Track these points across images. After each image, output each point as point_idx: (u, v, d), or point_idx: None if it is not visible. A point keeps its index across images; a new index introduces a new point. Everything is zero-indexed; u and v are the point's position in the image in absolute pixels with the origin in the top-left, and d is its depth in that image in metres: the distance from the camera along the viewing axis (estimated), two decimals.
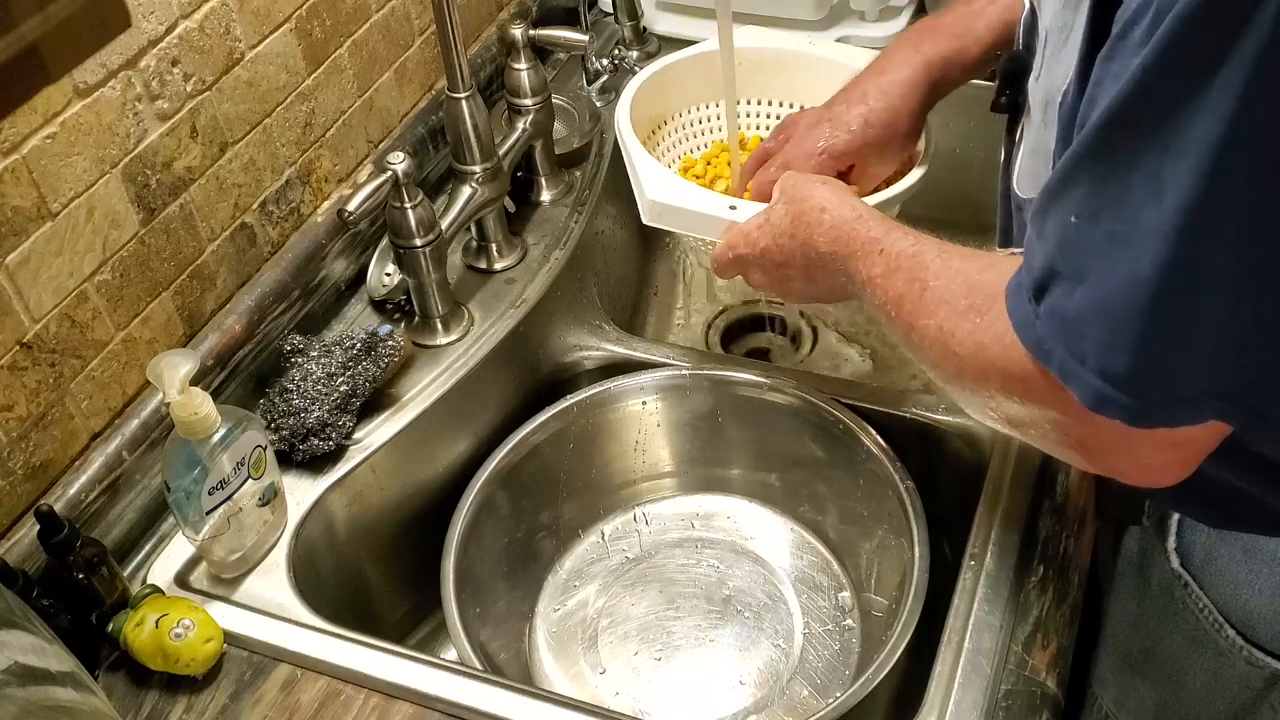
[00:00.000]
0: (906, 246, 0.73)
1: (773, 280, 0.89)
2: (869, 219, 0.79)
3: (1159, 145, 0.51)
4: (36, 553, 0.80)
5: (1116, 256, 0.54)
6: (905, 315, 0.70)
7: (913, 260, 0.72)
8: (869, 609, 1.03)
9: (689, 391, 1.09)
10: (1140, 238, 0.53)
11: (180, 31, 0.88)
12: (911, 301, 0.70)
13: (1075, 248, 0.56)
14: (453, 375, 1.03)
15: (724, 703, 0.98)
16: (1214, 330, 0.54)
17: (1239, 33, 0.48)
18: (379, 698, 0.81)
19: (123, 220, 0.87)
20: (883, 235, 0.76)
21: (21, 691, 0.62)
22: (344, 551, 0.98)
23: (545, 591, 1.08)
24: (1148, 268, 0.52)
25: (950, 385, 0.70)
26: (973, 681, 0.78)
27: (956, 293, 0.67)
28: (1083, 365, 0.56)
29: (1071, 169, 0.56)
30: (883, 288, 0.73)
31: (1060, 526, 0.87)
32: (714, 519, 1.13)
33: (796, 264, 0.84)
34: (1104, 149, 0.54)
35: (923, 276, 0.70)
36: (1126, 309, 0.54)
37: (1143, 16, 0.51)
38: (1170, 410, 0.56)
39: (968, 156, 1.32)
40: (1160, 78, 0.51)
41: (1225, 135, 0.49)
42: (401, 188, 0.98)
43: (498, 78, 1.25)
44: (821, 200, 0.82)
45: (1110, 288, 0.54)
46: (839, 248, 0.79)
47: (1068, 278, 0.57)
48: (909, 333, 0.71)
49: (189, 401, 0.80)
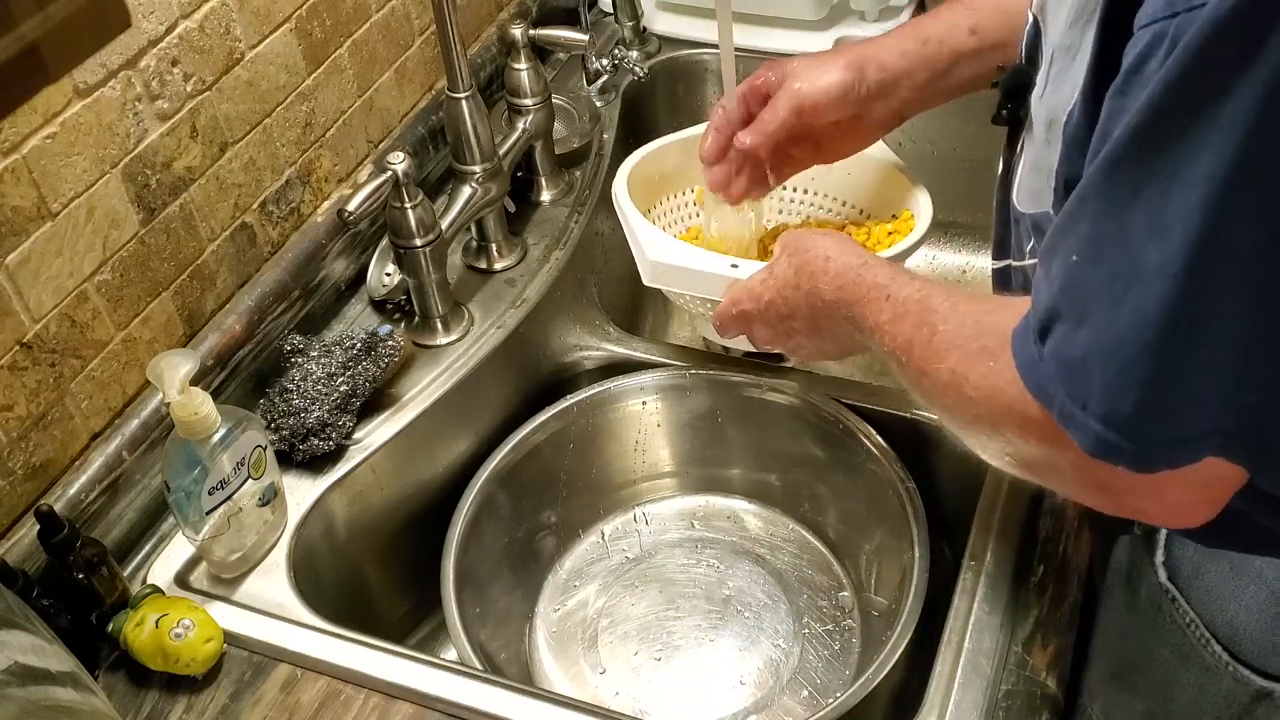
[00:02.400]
0: (913, 291, 0.73)
1: (777, 334, 0.89)
2: (874, 265, 0.78)
3: (1163, 181, 0.51)
4: (36, 553, 0.80)
5: (1119, 296, 0.53)
6: (915, 360, 0.70)
7: (920, 305, 0.71)
8: (869, 609, 1.03)
9: (689, 391, 1.09)
10: (1144, 277, 0.52)
11: (180, 31, 0.88)
12: (921, 346, 0.69)
13: (1078, 288, 0.56)
14: (453, 375, 1.03)
15: (724, 703, 0.98)
16: (1219, 369, 0.53)
17: (1247, 66, 0.47)
18: (379, 698, 0.81)
19: (123, 220, 0.87)
20: (889, 281, 0.75)
21: (21, 691, 0.62)
22: (344, 551, 0.98)
23: (545, 591, 1.08)
24: (1152, 306, 0.52)
25: (965, 430, 0.69)
26: (973, 681, 0.78)
27: (967, 336, 0.66)
28: (1084, 410, 0.55)
29: (1076, 207, 0.56)
30: (891, 333, 0.73)
31: (1059, 527, 0.87)
32: (714, 519, 1.13)
33: (801, 315, 0.84)
34: (1108, 186, 0.54)
35: (931, 321, 0.69)
36: (1131, 350, 0.53)
37: (1157, 49, 0.50)
38: (1172, 452, 0.56)
39: (970, 159, 1.32)
40: (1166, 112, 0.50)
41: (1231, 171, 0.49)
42: (401, 188, 0.98)
43: (498, 78, 1.25)
44: (826, 250, 0.82)
45: (1113, 329, 0.54)
46: (844, 295, 0.79)
47: (1070, 319, 0.56)
48: (920, 378, 0.70)
49: (189, 401, 0.80)
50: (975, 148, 1.30)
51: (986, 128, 1.24)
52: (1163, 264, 0.51)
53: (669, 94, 1.41)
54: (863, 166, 1.09)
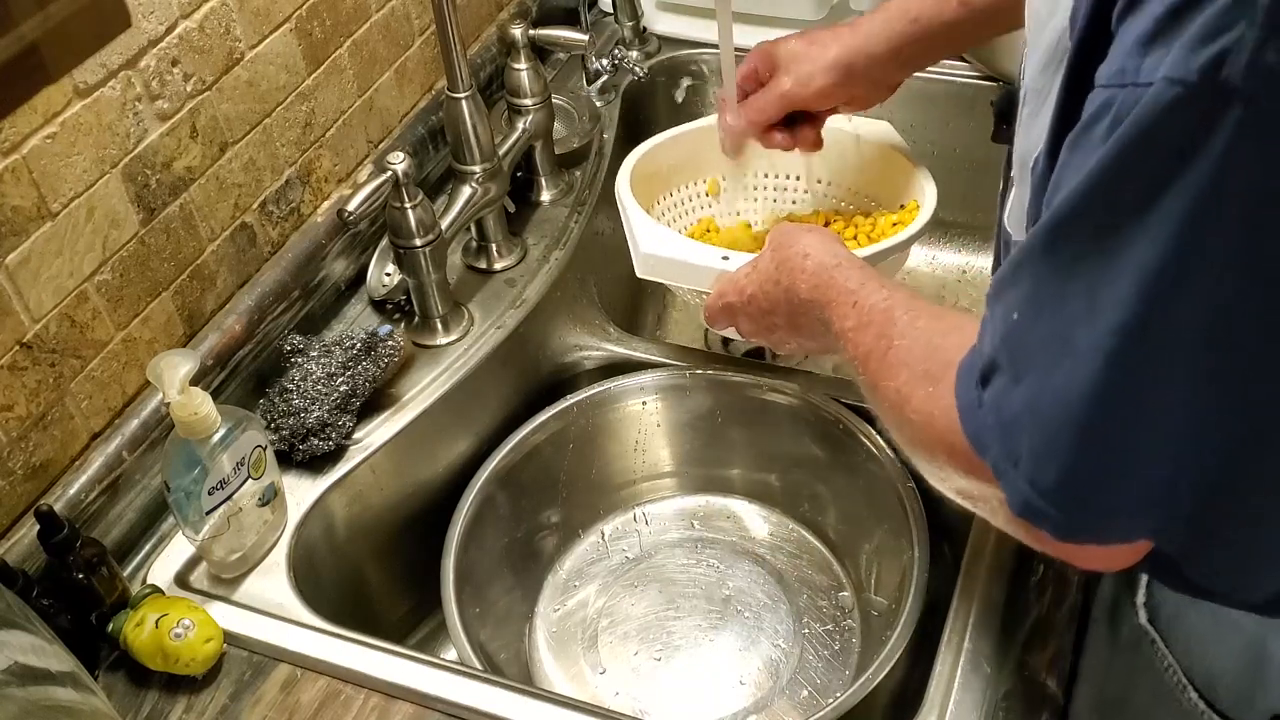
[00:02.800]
0: (879, 300, 0.72)
1: (760, 328, 0.89)
2: (848, 268, 0.78)
3: (1100, 260, 0.50)
4: (36, 553, 0.80)
5: (1051, 365, 0.52)
6: (870, 373, 0.69)
7: (883, 316, 0.71)
8: (869, 609, 1.03)
9: (689, 391, 1.09)
10: (1076, 351, 0.51)
11: (180, 31, 0.88)
12: (876, 360, 0.69)
13: (1016, 344, 0.55)
14: (453, 375, 1.03)
15: (724, 703, 0.98)
16: (1148, 453, 0.51)
17: (1188, 157, 0.46)
18: (379, 698, 0.81)
19: (123, 220, 0.87)
20: (858, 287, 0.75)
21: (21, 691, 0.62)
22: (344, 551, 0.98)
23: (545, 591, 1.08)
24: (1080, 385, 0.51)
25: (908, 451, 0.69)
26: (973, 681, 0.78)
27: (917, 356, 0.65)
28: (1015, 468, 0.54)
29: (1020, 262, 0.55)
30: (854, 342, 0.72)
31: None
32: (714, 519, 1.13)
33: (781, 311, 0.84)
34: (1047, 251, 0.53)
35: (890, 334, 0.69)
36: (1058, 422, 0.52)
37: (1105, 114, 0.49)
38: (1098, 529, 0.54)
39: (970, 159, 1.32)
40: (1106, 191, 0.49)
41: (1167, 262, 0.47)
42: (401, 188, 0.98)
43: (498, 78, 1.25)
44: (805, 246, 0.82)
45: (1045, 395, 0.52)
46: (817, 295, 0.79)
47: (1009, 373, 0.55)
48: (872, 392, 0.70)
49: (189, 401, 0.80)
50: (975, 148, 1.30)
51: (986, 128, 1.24)
52: (1095, 344, 0.50)
53: (669, 94, 1.41)
54: (873, 156, 1.09)
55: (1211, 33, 0.44)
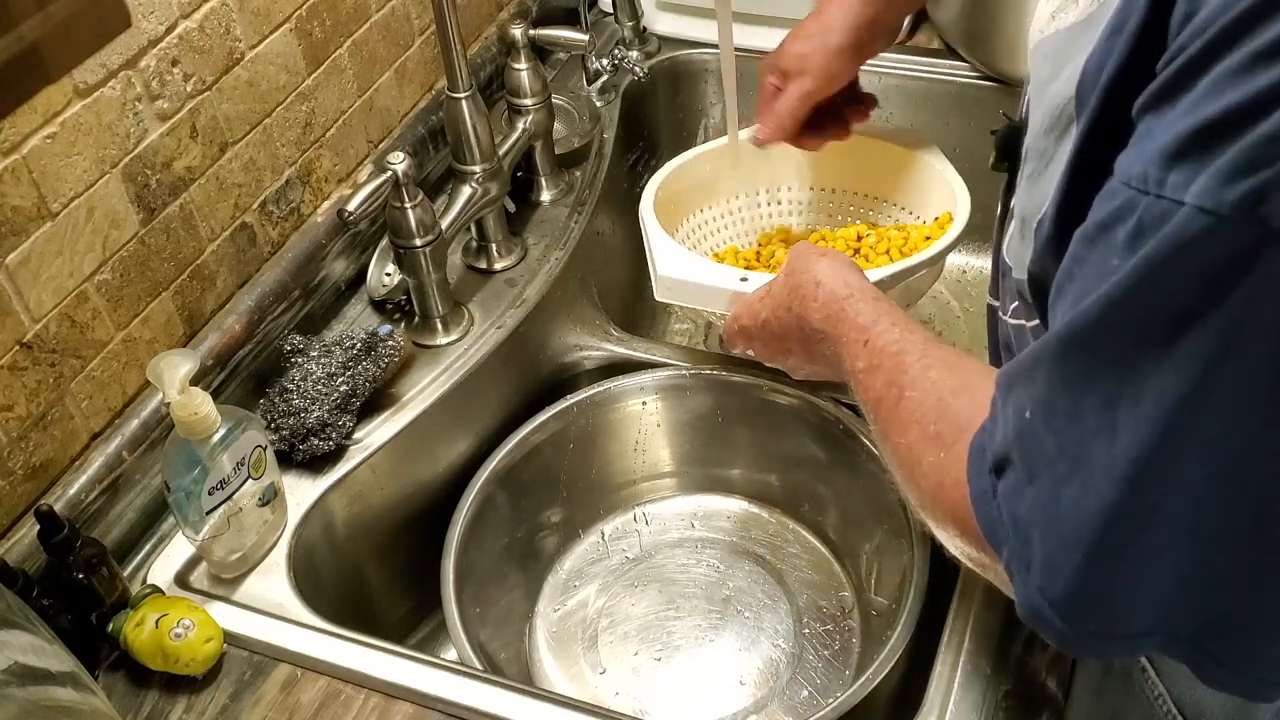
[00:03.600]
0: (890, 342, 0.70)
1: (773, 353, 0.88)
2: (859, 300, 0.76)
3: (1117, 380, 0.48)
4: (36, 553, 0.80)
5: (1064, 474, 0.51)
6: (882, 422, 0.68)
7: (894, 361, 0.69)
8: (869, 609, 1.03)
9: (689, 391, 1.09)
10: (1089, 467, 0.49)
11: (180, 31, 0.88)
12: (887, 409, 0.67)
13: (1029, 444, 0.53)
14: (453, 375, 1.03)
15: (724, 703, 0.98)
16: (1161, 573, 0.50)
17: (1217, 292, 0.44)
18: (379, 698, 0.81)
19: (123, 220, 0.87)
20: (870, 324, 0.73)
21: (21, 691, 0.61)
22: (344, 551, 0.98)
23: (545, 591, 1.08)
24: (1093, 503, 0.49)
25: (915, 507, 0.67)
26: (973, 681, 0.78)
27: (928, 414, 0.63)
28: (1027, 571, 0.53)
29: (1033, 362, 0.53)
30: (865, 385, 0.71)
31: None
32: (714, 519, 1.13)
33: (794, 338, 0.83)
34: (1062, 359, 0.51)
35: (901, 383, 0.67)
36: (1071, 537, 0.50)
37: (1127, 218, 0.47)
38: (1105, 644, 0.53)
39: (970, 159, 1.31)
40: (1124, 314, 0.47)
41: (1184, 397, 0.46)
42: (401, 188, 0.98)
43: (498, 78, 1.25)
44: (817, 274, 0.80)
45: (1057, 505, 0.51)
46: (829, 327, 0.77)
47: (1021, 470, 0.54)
48: (883, 441, 0.68)
49: (189, 401, 0.80)
50: (975, 148, 1.30)
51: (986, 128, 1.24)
52: (1108, 465, 0.49)
53: (669, 94, 1.41)
54: (907, 167, 1.10)
55: (1248, 166, 0.42)
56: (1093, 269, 0.49)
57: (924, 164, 1.08)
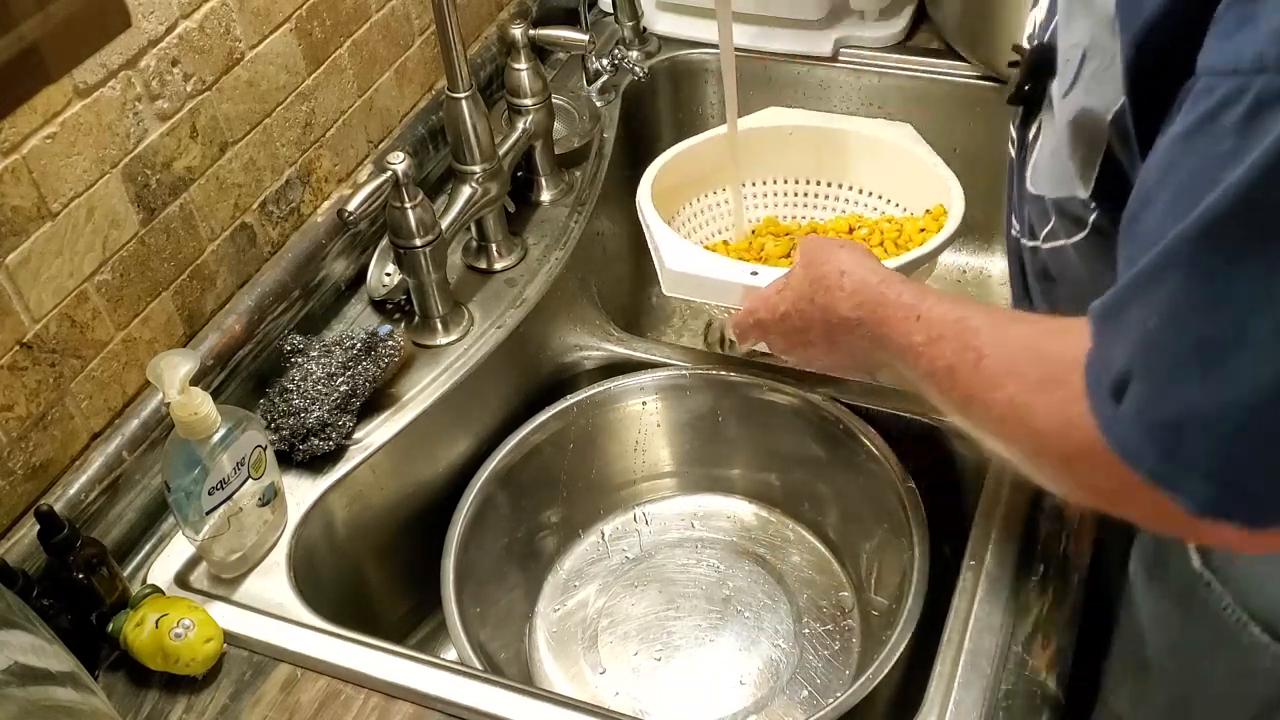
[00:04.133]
0: (946, 312, 0.71)
1: (792, 345, 0.88)
2: (893, 282, 0.77)
3: (1268, 258, 0.49)
4: (36, 553, 0.80)
5: (1214, 361, 0.52)
6: (961, 387, 0.67)
7: (958, 327, 0.69)
8: (869, 609, 1.03)
9: (689, 391, 1.09)
10: (1249, 343, 0.50)
11: (180, 31, 0.88)
12: (967, 373, 0.67)
13: (1159, 352, 0.54)
14: (453, 375, 1.03)
15: (724, 703, 0.98)
16: None
17: None
18: (379, 698, 0.81)
19: (123, 220, 0.87)
20: (917, 300, 0.73)
21: (21, 691, 0.62)
22: (344, 551, 0.98)
23: (545, 591, 1.08)
24: (1265, 373, 0.50)
25: (1025, 460, 0.66)
26: (973, 681, 0.78)
27: (1023, 363, 0.63)
28: (1184, 472, 0.54)
29: (1151, 270, 0.54)
30: (928, 356, 0.71)
31: (1060, 526, 0.87)
32: (714, 519, 1.13)
33: (817, 329, 0.83)
34: (1198, 253, 0.52)
35: (975, 345, 0.67)
36: (1238, 416, 0.51)
37: (1234, 104, 0.49)
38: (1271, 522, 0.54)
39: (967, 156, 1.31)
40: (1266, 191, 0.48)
41: None
42: (401, 188, 0.98)
43: (498, 78, 1.25)
44: (840, 264, 0.81)
45: (1214, 395, 0.52)
46: (865, 313, 0.78)
47: (1152, 382, 0.54)
48: (968, 404, 0.67)
49: (189, 401, 0.80)
50: (975, 148, 1.30)
51: (985, 127, 1.24)
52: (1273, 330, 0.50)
53: (669, 94, 1.41)
54: (895, 160, 1.10)
55: None
56: (1198, 163, 0.51)
57: (911, 157, 1.08)
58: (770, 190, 1.16)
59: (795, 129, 1.15)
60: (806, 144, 1.15)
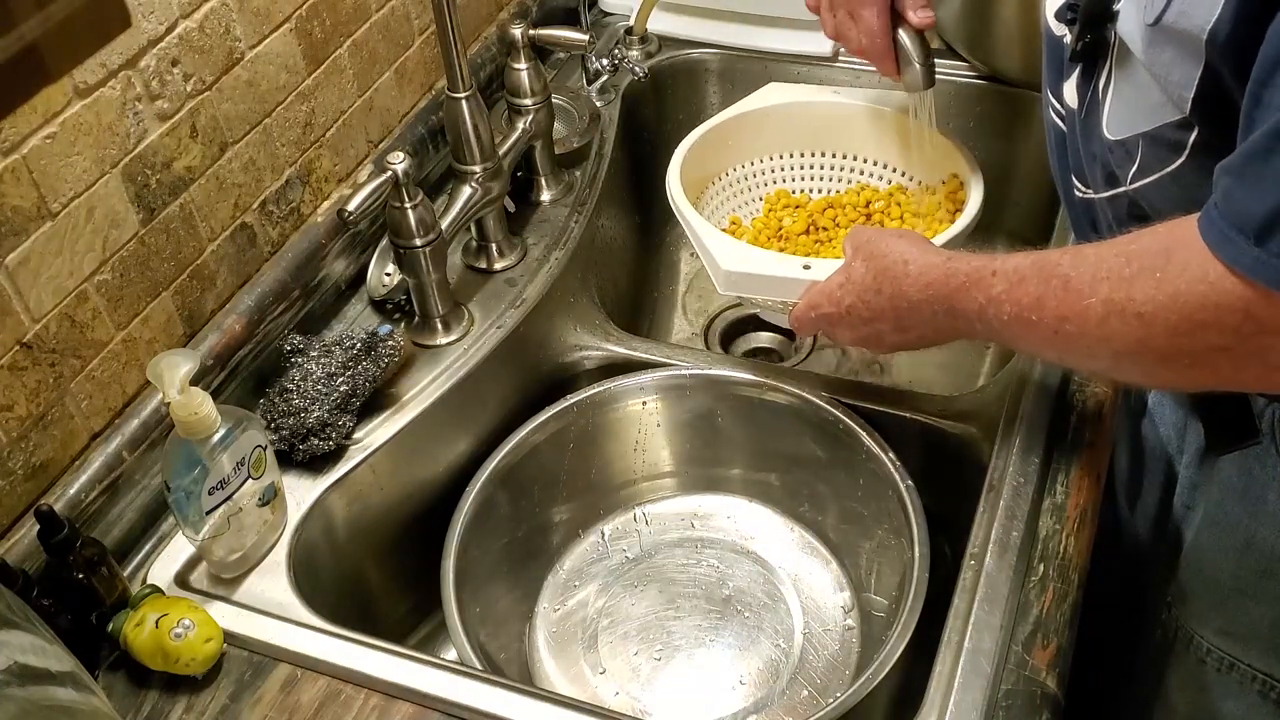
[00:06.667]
0: (1020, 261, 0.75)
1: (861, 335, 0.90)
2: (959, 258, 0.81)
3: None
4: (36, 553, 0.80)
5: None
6: (1051, 311, 0.72)
7: (1035, 266, 0.73)
8: (869, 609, 1.03)
9: (689, 391, 1.08)
10: None
11: (180, 31, 0.88)
12: (1055, 297, 0.71)
13: None
14: (453, 375, 1.03)
15: (724, 703, 0.98)
16: None
17: None
18: (379, 698, 0.81)
19: (123, 220, 0.87)
20: (986, 262, 0.78)
21: (21, 691, 0.61)
22: (344, 551, 0.98)
23: (545, 591, 1.08)
24: None
25: (1126, 357, 0.70)
26: (973, 681, 0.78)
27: (1113, 266, 0.68)
28: None
29: None
30: (1012, 299, 0.75)
31: (1060, 526, 0.87)
32: (714, 519, 1.13)
33: (887, 318, 0.86)
34: None
35: (1059, 273, 0.71)
36: None
37: None
38: None
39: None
40: None
41: None
42: (401, 188, 0.98)
43: (498, 78, 1.25)
44: (902, 253, 0.84)
45: None
46: (935, 292, 0.81)
47: None
48: (1061, 324, 0.72)
49: (189, 401, 0.80)
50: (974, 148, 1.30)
51: (986, 128, 1.24)
52: None
53: (669, 94, 1.41)
54: (901, 130, 1.11)
55: None
56: None
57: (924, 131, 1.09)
58: (779, 165, 1.17)
59: (797, 104, 1.16)
60: (811, 118, 1.16)
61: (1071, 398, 0.96)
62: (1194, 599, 0.92)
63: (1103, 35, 0.78)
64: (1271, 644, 0.89)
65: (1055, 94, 0.86)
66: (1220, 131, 0.66)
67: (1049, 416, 0.94)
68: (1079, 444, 0.93)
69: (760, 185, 1.18)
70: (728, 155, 1.16)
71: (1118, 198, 0.80)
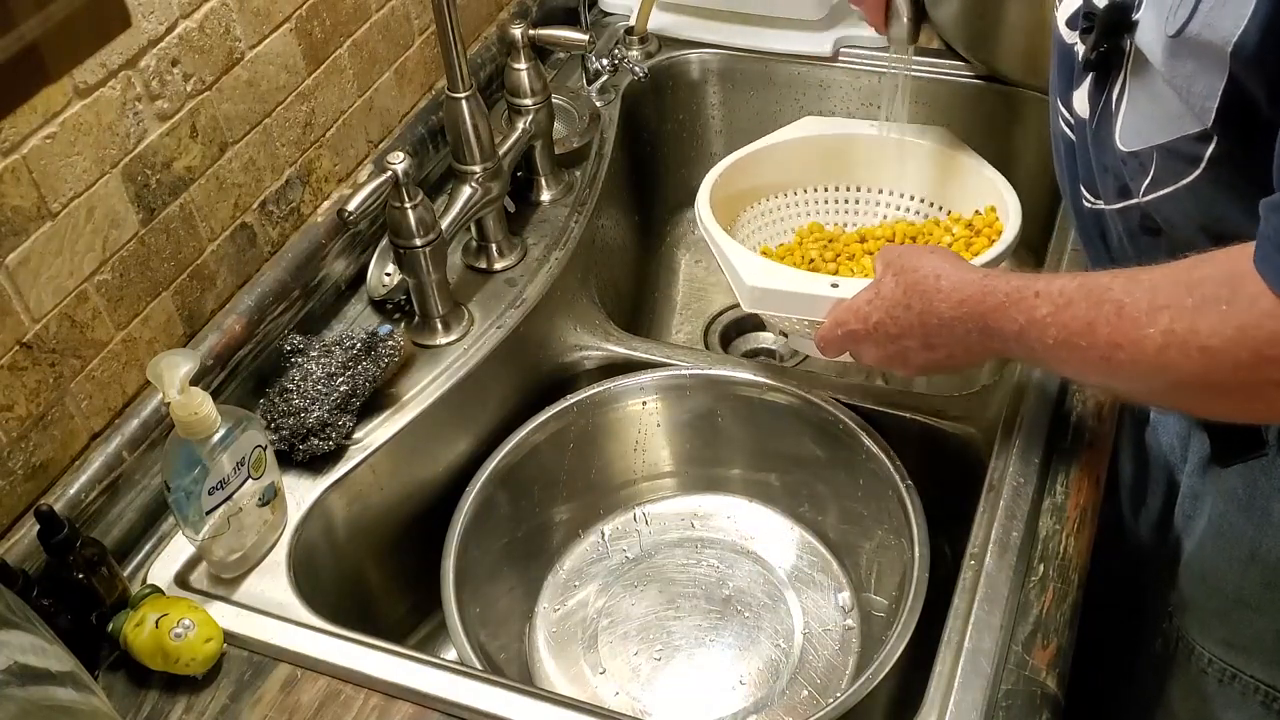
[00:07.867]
0: (1065, 283, 0.73)
1: (887, 354, 0.89)
2: (996, 276, 0.79)
3: None
4: (36, 553, 0.80)
5: None
6: (1106, 337, 0.69)
7: (1082, 290, 0.71)
8: (869, 609, 1.03)
9: (689, 391, 1.09)
10: None
11: (180, 31, 0.88)
12: (1108, 324, 0.69)
13: None
14: (453, 375, 1.03)
15: (724, 703, 0.98)
16: None
17: None
18: (379, 698, 0.81)
19: (123, 220, 0.87)
20: (1027, 283, 0.76)
21: (21, 691, 0.61)
22: (344, 551, 0.98)
23: (545, 591, 1.08)
24: None
25: (1184, 388, 0.69)
26: (973, 681, 0.78)
27: (1173, 294, 0.66)
28: None
29: None
30: (1059, 322, 0.72)
31: (1060, 526, 0.87)
32: (714, 519, 1.13)
33: (915, 334, 0.84)
34: None
35: (1111, 298, 0.69)
36: None
37: None
38: None
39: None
40: None
41: None
42: (401, 188, 0.98)
43: (498, 78, 1.25)
44: (935, 268, 0.83)
45: None
46: (969, 309, 0.79)
47: None
48: (1114, 351, 0.69)
49: (189, 401, 0.80)
50: (975, 147, 1.30)
51: (986, 128, 1.24)
52: None
53: (669, 94, 1.41)
54: (935, 161, 1.10)
55: None
56: None
57: (951, 159, 1.09)
58: (812, 199, 1.17)
59: (832, 137, 1.16)
60: (845, 151, 1.16)
61: (1071, 398, 0.96)
62: (1196, 609, 0.91)
63: (1118, 45, 0.76)
64: (1275, 656, 0.88)
65: (1065, 103, 0.84)
66: (1242, 144, 0.64)
67: (1049, 417, 0.94)
68: (1079, 444, 0.93)
69: (793, 217, 1.17)
70: (760, 184, 1.15)
71: (1129, 210, 0.78)
